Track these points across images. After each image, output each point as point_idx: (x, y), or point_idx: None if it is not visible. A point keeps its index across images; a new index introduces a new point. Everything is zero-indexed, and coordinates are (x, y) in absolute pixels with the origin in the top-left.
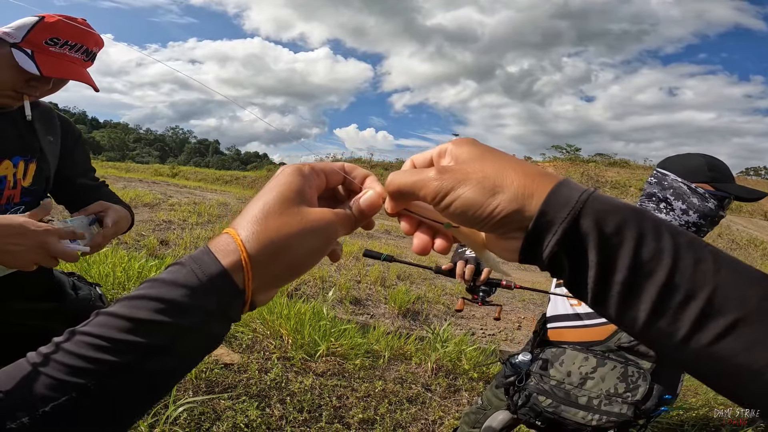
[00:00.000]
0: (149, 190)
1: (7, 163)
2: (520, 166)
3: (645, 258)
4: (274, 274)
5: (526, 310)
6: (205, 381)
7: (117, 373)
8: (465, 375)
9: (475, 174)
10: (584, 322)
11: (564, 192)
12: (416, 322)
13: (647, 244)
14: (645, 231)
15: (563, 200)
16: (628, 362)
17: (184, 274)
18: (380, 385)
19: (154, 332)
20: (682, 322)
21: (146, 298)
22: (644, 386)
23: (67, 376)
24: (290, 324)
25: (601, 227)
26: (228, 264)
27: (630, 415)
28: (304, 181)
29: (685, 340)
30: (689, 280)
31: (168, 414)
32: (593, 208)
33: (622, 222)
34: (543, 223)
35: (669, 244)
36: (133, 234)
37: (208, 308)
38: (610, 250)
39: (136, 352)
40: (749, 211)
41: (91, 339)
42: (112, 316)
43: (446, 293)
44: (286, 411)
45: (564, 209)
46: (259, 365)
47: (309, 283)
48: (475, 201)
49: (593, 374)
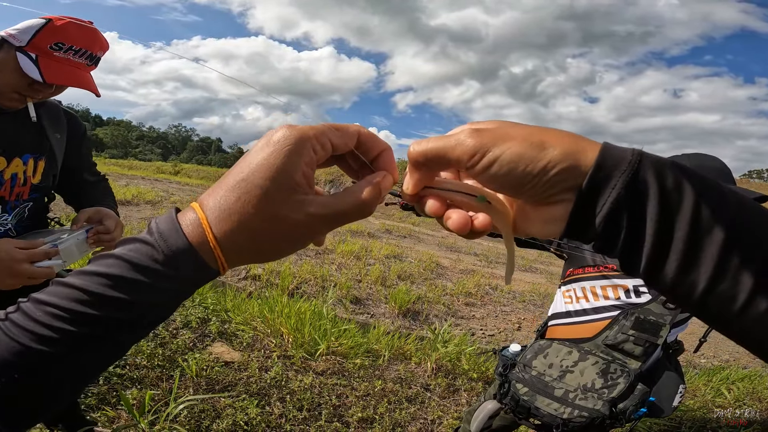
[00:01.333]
0: (151, 187)
1: (18, 161)
2: (559, 130)
3: (705, 214)
4: (244, 261)
5: (526, 311)
6: (205, 379)
7: (84, 343)
8: (464, 375)
9: (517, 132)
10: (574, 319)
11: (616, 148)
12: (416, 322)
13: (706, 199)
14: (703, 186)
15: (619, 153)
16: (613, 360)
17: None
18: (380, 385)
19: (118, 308)
20: (743, 284)
21: (111, 277)
22: (623, 384)
23: (35, 344)
24: (291, 323)
25: (662, 180)
26: (198, 246)
27: (604, 412)
28: (299, 158)
29: (746, 305)
30: (750, 236)
31: (168, 411)
32: (650, 161)
33: (680, 176)
34: (600, 177)
35: (729, 200)
36: (135, 231)
37: (178, 291)
38: (671, 205)
39: (106, 325)
40: None
41: (55, 310)
42: (72, 287)
43: (447, 293)
44: (286, 409)
45: (621, 162)
46: (260, 364)
47: (309, 282)
48: (523, 155)
49: (573, 368)
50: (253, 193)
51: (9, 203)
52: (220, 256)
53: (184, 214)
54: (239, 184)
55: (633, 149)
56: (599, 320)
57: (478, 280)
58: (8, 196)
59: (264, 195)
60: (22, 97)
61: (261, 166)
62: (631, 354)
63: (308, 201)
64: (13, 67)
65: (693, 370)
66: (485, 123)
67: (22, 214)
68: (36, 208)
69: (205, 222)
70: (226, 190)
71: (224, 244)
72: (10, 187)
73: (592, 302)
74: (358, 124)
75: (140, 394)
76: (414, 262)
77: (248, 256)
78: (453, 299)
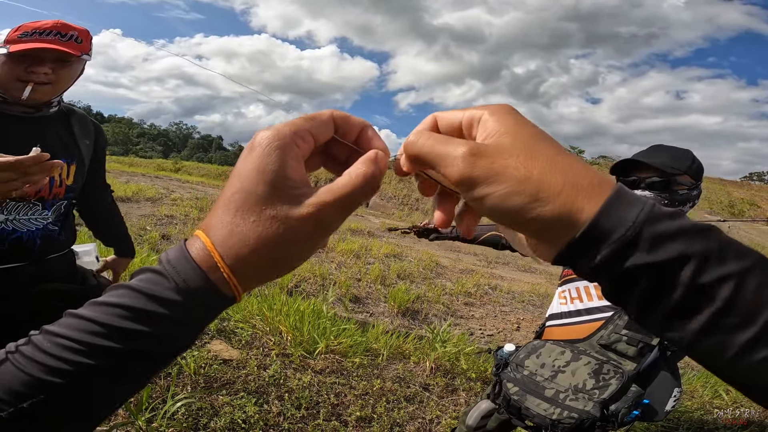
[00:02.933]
0: (152, 184)
1: None
2: (570, 166)
3: (704, 283)
4: (261, 277)
5: (525, 311)
6: (203, 377)
7: (96, 376)
8: (463, 375)
9: (516, 171)
10: (569, 320)
11: (617, 212)
12: (415, 322)
13: (709, 270)
14: (709, 255)
15: (615, 221)
16: (607, 360)
17: (163, 286)
18: (378, 384)
19: (132, 339)
20: (732, 344)
21: (121, 307)
22: (615, 385)
23: (45, 375)
24: (290, 321)
25: (656, 255)
26: (215, 278)
27: (595, 413)
28: (285, 155)
29: (735, 359)
30: (748, 305)
31: (166, 409)
32: (650, 233)
33: (682, 248)
34: (590, 241)
35: (734, 269)
36: (136, 228)
37: (192, 319)
38: (664, 275)
39: (110, 357)
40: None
41: (67, 342)
42: (91, 321)
43: (446, 293)
44: (284, 408)
45: (617, 230)
46: (258, 362)
47: (309, 281)
48: (511, 205)
49: (565, 368)
50: (249, 200)
51: (48, 202)
52: (232, 278)
53: (192, 242)
54: (234, 197)
55: (639, 212)
56: (594, 320)
57: (478, 280)
58: (47, 196)
59: (260, 199)
60: (23, 83)
61: (250, 172)
62: (625, 354)
63: (307, 193)
64: (2, 61)
65: (691, 371)
66: (497, 129)
67: (59, 211)
68: (71, 206)
69: (210, 244)
70: (224, 208)
71: (234, 265)
72: (49, 188)
73: (586, 303)
74: (332, 109)
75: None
76: (414, 262)
77: (264, 271)
78: (452, 299)
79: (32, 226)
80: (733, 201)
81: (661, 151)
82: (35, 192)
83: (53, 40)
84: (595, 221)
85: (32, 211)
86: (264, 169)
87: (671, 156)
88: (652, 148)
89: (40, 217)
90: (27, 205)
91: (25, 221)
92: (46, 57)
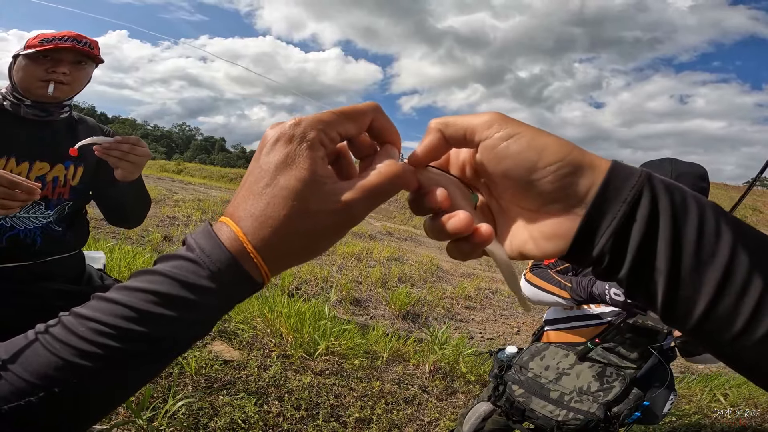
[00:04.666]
0: (154, 185)
1: (60, 166)
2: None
3: (708, 234)
4: (287, 264)
5: (525, 315)
6: (204, 377)
7: (127, 360)
8: (462, 378)
9: (534, 130)
10: (574, 324)
11: (625, 165)
12: (416, 324)
13: (708, 221)
14: (706, 208)
15: (628, 170)
16: (609, 363)
17: (193, 272)
18: (378, 386)
19: (163, 325)
20: (742, 309)
21: (153, 294)
22: (619, 387)
23: (77, 359)
24: (290, 322)
25: (672, 196)
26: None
27: (599, 415)
28: (315, 151)
29: (742, 332)
30: (749, 261)
31: (167, 408)
32: (658, 178)
33: (685, 195)
34: (610, 190)
35: (729, 221)
36: (138, 230)
37: (220, 307)
38: (679, 222)
39: (151, 342)
40: (753, 222)
41: (100, 326)
42: (117, 304)
43: (447, 296)
44: (284, 408)
45: (632, 177)
46: (259, 362)
47: (310, 283)
48: (535, 148)
49: (570, 371)
50: (280, 195)
51: (51, 201)
52: (263, 266)
53: (220, 229)
54: (264, 191)
55: (640, 168)
56: (598, 325)
57: (479, 284)
58: (51, 195)
59: (292, 194)
60: (45, 83)
61: (280, 166)
62: (627, 358)
63: (338, 189)
64: (25, 64)
65: (690, 375)
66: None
67: (62, 211)
68: (77, 207)
69: (241, 234)
70: (254, 199)
71: (264, 252)
72: (52, 188)
73: (593, 308)
74: (376, 103)
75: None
76: (414, 265)
77: (290, 259)
78: (453, 302)
79: (31, 224)
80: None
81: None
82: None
83: (71, 44)
84: (613, 168)
85: (34, 209)
86: (295, 164)
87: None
88: (660, 162)
89: (41, 215)
90: (29, 203)
91: (24, 218)
92: (65, 58)
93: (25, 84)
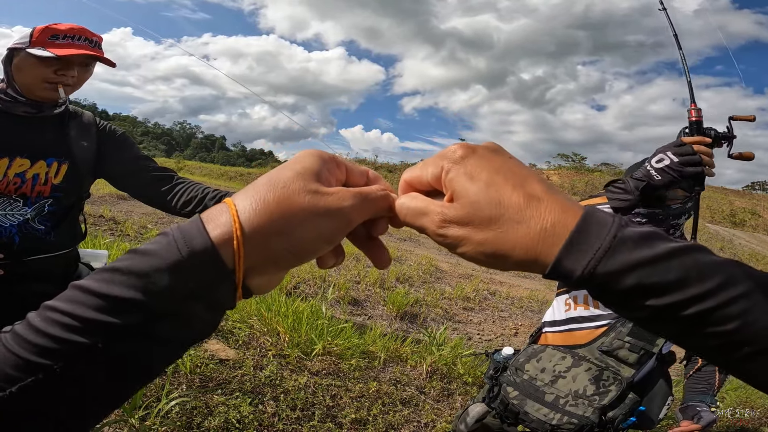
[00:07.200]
0: None
1: (42, 163)
2: (531, 212)
3: (668, 306)
4: (272, 255)
5: (523, 316)
6: (199, 376)
7: (83, 355)
8: (459, 379)
9: (477, 236)
10: (571, 326)
11: (573, 256)
12: (413, 325)
13: (670, 295)
14: (668, 284)
15: (573, 262)
16: (607, 367)
17: (164, 245)
18: (374, 386)
19: (126, 312)
20: (709, 345)
21: (120, 272)
22: (615, 392)
23: (34, 356)
24: (287, 322)
25: (613, 287)
26: (216, 237)
27: (593, 419)
28: (323, 164)
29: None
30: (720, 322)
31: (160, 407)
32: (604, 269)
33: (636, 281)
34: (558, 277)
35: (697, 291)
36: (136, 227)
37: (188, 288)
38: (625, 302)
39: (105, 334)
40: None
41: (60, 316)
42: (84, 291)
43: (445, 297)
44: (279, 408)
45: (576, 271)
46: (255, 362)
47: (308, 282)
48: (483, 260)
49: (566, 373)
50: (274, 183)
51: (30, 198)
52: (240, 243)
53: (213, 208)
54: (265, 179)
55: (591, 258)
56: (596, 327)
57: (477, 285)
58: (29, 193)
59: (283, 182)
60: (52, 85)
61: (287, 164)
62: (625, 361)
63: (328, 190)
64: (31, 63)
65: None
66: (457, 201)
67: (42, 210)
68: (61, 206)
69: (233, 206)
70: (255, 186)
71: (248, 233)
72: (31, 185)
73: (592, 310)
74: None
75: None
76: (413, 265)
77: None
78: (451, 303)
79: (7, 222)
80: (735, 210)
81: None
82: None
83: (85, 46)
84: (555, 266)
85: (11, 206)
86: (304, 161)
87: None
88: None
89: (18, 213)
90: (7, 200)
91: (1, 216)
92: (75, 60)
93: (28, 83)
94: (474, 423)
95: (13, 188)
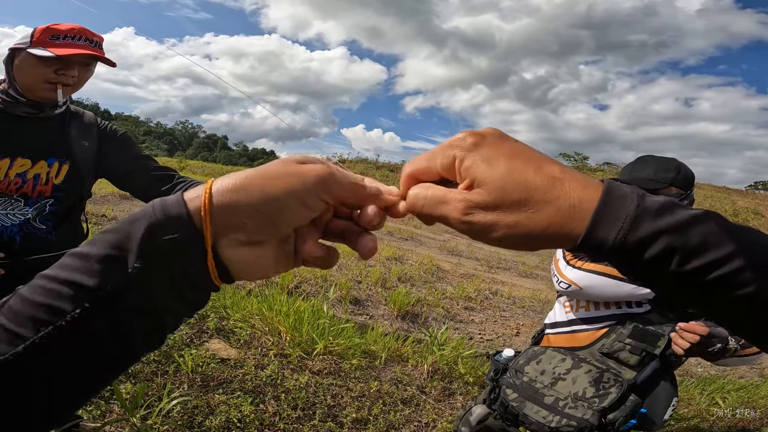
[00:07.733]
0: None
1: (42, 163)
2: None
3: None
4: (240, 212)
5: (525, 317)
6: (200, 375)
7: (65, 329)
8: (460, 379)
9: (507, 218)
10: (573, 327)
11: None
12: (415, 325)
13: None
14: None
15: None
16: (607, 369)
17: (147, 209)
18: (375, 386)
19: (104, 272)
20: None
21: (105, 232)
22: (615, 394)
23: (15, 327)
24: (289, 321)
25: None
26: (190, 202)
27: (593, 422)
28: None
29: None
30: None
31: (161, 406)
32: (634, 238)
33: (665, 245)
34: (588, 250)
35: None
36: None
37: (160, 245)
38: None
39: (85, 299)
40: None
41: (45, 282)
42: (71, 255)
43: (446, 297)
44: (280, 408)
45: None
46: (256, 361)
47: (309, 281)
48: (514, 241)
49: (566, 375)
50: (258, 170)
51: (31, 198)
52: (207, 192)
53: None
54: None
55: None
56: (597, 329)
57: (479, 285)
58: (30, 193)
59: (266, 166)
60: (52, 85)
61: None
62: (626, 363)
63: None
64: (32, 63)
65: (689, 379)
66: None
67: (43, 209)
68: (62, 205)
69: (210, 180)
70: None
71: (215, 191)
72: (32, 185)
73: (593, 311)
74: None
75: (134, 388)
76: (414, 265)
77: (241, 211)
78: (452, 303)
79: (8, 222)
80: (738, 210)
81: (646, 164)
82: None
83: (85, 46)
84: (587, 237)
85: (12, 206)
86: (287, 158)
87: (655, 169)
88: (638, 160)
89: (19, 212)
90: (8, 200)
91: (2, 215)
92: (76, 60)
93: (28, 83)
94: (476, 425)
95: (14, 188)
